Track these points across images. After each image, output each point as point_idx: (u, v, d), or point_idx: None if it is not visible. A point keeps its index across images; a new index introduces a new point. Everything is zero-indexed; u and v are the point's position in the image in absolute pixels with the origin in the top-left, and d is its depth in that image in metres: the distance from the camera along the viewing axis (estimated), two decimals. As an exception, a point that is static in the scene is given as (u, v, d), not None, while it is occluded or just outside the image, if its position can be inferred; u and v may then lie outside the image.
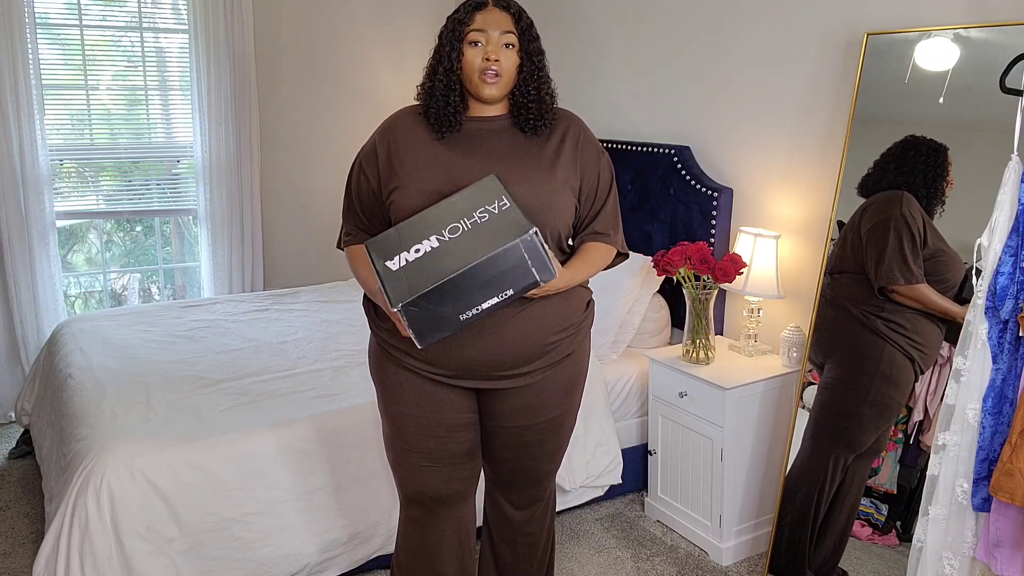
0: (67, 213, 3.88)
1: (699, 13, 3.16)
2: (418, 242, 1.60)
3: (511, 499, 2.04)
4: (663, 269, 2.80)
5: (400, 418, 1.87)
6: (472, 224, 1.58)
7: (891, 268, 2.26)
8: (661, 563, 2.72)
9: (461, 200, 1.64)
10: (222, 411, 2.49)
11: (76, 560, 2.11)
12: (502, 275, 1.54)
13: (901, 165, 2.27)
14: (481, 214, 1.59)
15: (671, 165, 3.22)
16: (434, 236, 1.59)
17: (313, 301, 3.71)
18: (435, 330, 1.56)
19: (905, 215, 2.25)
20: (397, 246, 1.62)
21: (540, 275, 1.56)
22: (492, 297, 1.55)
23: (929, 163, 2.21)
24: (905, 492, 2.27)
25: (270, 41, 4.14)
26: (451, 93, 1.76)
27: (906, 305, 2.23)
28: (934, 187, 2.20)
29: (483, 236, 1.56)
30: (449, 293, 1.53)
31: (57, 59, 3.73)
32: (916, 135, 2.25)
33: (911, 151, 2.25)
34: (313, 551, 2.39)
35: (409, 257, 1.59)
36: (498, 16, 1.73)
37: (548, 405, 1.87)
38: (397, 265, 1.58)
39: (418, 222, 1.65)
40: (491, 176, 1.67)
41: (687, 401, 2.76)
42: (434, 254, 1.57)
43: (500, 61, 1.72)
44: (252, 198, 4.09)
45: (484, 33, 1.72)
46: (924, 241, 2.22)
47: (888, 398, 2.28)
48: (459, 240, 1.57)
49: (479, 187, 1.65)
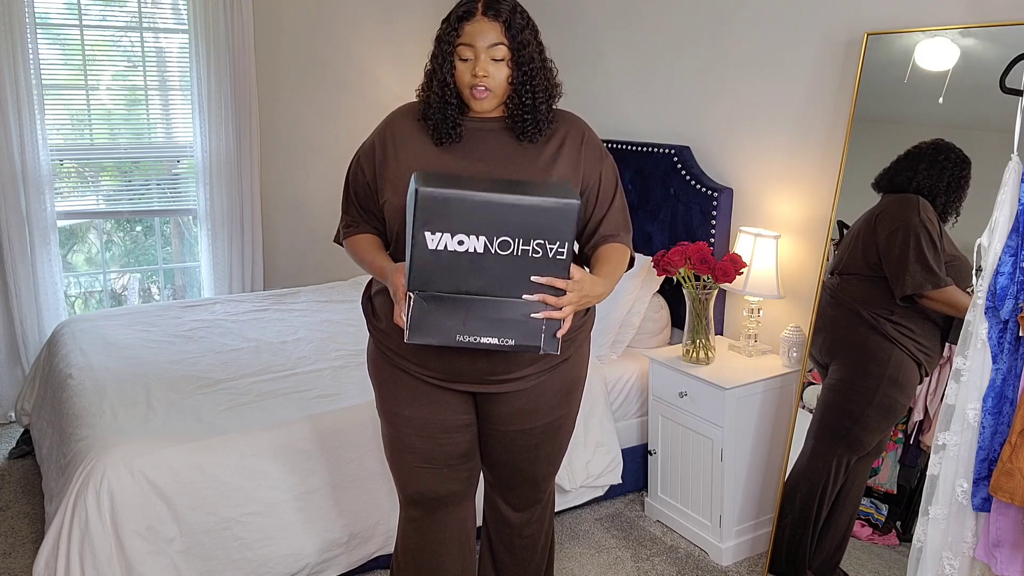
0: (67, 213, 3.88)
1: (699, 13, 3.16)
2: (465, 233, 1.47)
3: (509, 501, 2.04)
4: (663, 269, 2.80)
5: (396, 419, 1.87)
6: (523, 253, 1.49)
7: (917, 276, 2.22)
8: (661, 563, 2.72)
9: (529, 211, 1.47)
10: (222, 411, 2.49)
11: (76, 560, 2.11)
12: (515, 326, 1.51)
13: (932, 166, 2.23)
14: (537, 248, 1.48)
15: (671, 165, 3.22)
16: (484, 239, 1.47)
17: (313, 301, 3.71)
18: (428, 333, 1.51)
19: (924, 221, 2.23)
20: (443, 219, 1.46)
21: (545, 346, 1.53)
22: (494, 337, 1.52)
23: (956, 172, 2.18)
24: (905, 492, 2.27)
25: (270, 41, 4.14)
26: (447, 107, 1.72)
27: (936, 310, 2.21)
28: (956, 196, 2.18)
29: (523, 271, 1.49)
30: (463, 308, 1.49)
31: (57, 59, 3.73)
32: (945, 140, 2.21)
33: (942, 155, 2.21)
34: (313, 551, 2.39)
35: (450, 244, 1.47)
36: (485, 27, 1.66)
37: (544, 409, 1.86)
38: (434, 244, 1.46)
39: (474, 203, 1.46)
40: (572, 202, 1.48)
41: (687, 401, 2.76)
42: (473, 259, 1.48)
43: (489, 76, 1.67)
44: (252, 198, 4.09)
45: (471, 48, 1.67)
46: (942, 246, 2.21)
47: (894, 400, 2.28)
48: (503, 260, 1.48)
49: (555, 210, 1.48)
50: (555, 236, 1.49)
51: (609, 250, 1.79)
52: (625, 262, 1.81)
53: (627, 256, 1.82)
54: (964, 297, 2.12)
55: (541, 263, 1.50)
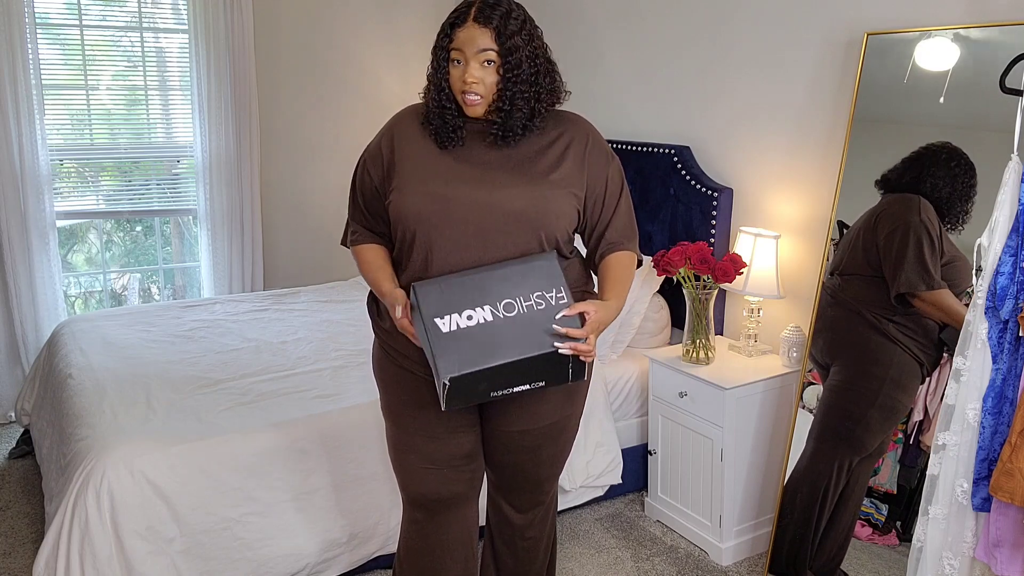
0: (67, 213, 3.88)
1: (699, 13, 3.16)
2: (471, 308, 1.59)
3: (512, 503, 2.04)
4: (663, 269, 2.80)
5: (401, 419, 1.87)
6: (528, 308, 1.59)
7: (912, 274, 2.22)
8: (661, 563, 2.72)
9: (518, 275, 1.63)
10: (222, 411, 2.49)
11: (76, 560, 2.11)
12: (543, 370, 1.58)
13: (944, 171, 2.22)
14: (538, 300, 1.60)
15: (671, 165, 3.22)
16: (488, 308, 1.59)
17: (313, 301, 3.71)
18: (465, 400, 1.58)
19: (924, 221, 2.23)
20: (447, 304, 1.60)
21: (574, 377, 1.61)
22: (525, 384, 1.59)
23: (964, 179, 2.18)
24: (905, 492, 2.27)
25: (270, 41, 4.14)
26: (445, 111, 1.73)
27: (926, 312, 2.21)
28: (963, 203, 2.17)
29: (535, 325, 1.58)
30: (493, 375, 1.55)
31: (57, 59, 3.73)
32: (953, 144, 2.21)
33: (953, 161, 2.20)
34: (313, 551, 2.39)
35: (461, 323, 1.57)
36: (475, 33, 1.66)
37: (547, 410, 1.86)
38: (448, 327, 1.57)
39: (470, 285, 1.62)
40: (550, 256, 1.66)
41: (687, 401, 2.76)
42: (487, 328, 1.57)
43: (477, 82, 1.67)
44: (252, 198, 4.09)
45: (461, 53, 1.68)
46: (941, 248, 2.21)
47: (896, 401, 2.28)
48: (512, 322, 1.58)
49: (538, 266, 1.64)
50: (549, 286, 1.62)
51: (615, 262, 1.80)
52: (632, 272, 1.83)
53: (634, 266, 1.84)
54: (955, 302, 2.13)
55: (548, 312, 1.60)
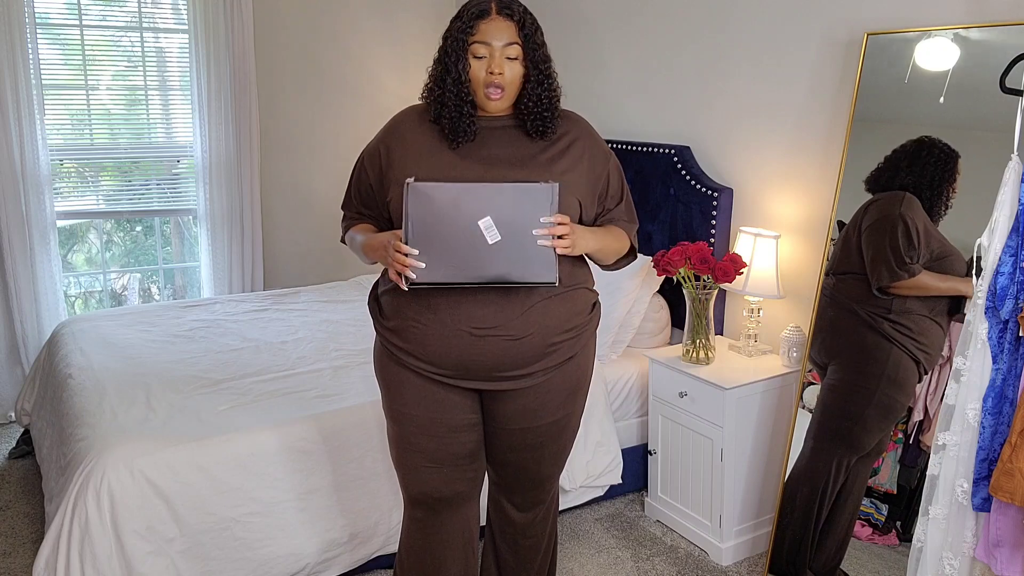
0: (67, 213, 3.88)
1: (699, 13, 3.16)
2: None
3: (514, 501, 2.04)
4: (663, 269, 2.80)
5: (402, 418, 1.87)
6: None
7: (883, 266, 2.26)
8: (661, 563, 2.72)
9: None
10: (222, 411, 2.49)
11: (76, 560, 2.11)
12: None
13: (913, 163, 2.26)
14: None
15: (671, 165, 3.22)
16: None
17: (313, 301, 3.71)
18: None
19: (904, 215, 2.25)
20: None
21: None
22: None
23: (939, 166, 2.20)
24: (905, 492, 2.27)
25: (270, 41, 4.14)
26: (463, 104, 1.73)
27: (913, 297, 2.23)
28: (939, 190, 2.20)
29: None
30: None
31: (57, 59, 3.73)
32: (931, 136, 2.24)
33: (924, 151, 2.24)
34: (313, 551, 2.39)
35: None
36: (501, 26, 1.69)
37: (549, 408, 1.87)
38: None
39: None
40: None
41: (687, 401, 2.76)
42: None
43: (503, 74, 1.70)
44: (252, 198, 4.09)
45: (487, 46, 1.69)
46: (922, 241, 2.22)
47: (893, 400, 2.28)
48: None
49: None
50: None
51: (611, 225, 1.89)
52: (623, 239, 1.89)
53: (625, 237, 1.90)
54: (937, 280, 2.17)
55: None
